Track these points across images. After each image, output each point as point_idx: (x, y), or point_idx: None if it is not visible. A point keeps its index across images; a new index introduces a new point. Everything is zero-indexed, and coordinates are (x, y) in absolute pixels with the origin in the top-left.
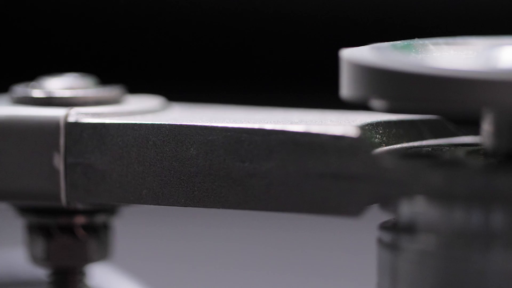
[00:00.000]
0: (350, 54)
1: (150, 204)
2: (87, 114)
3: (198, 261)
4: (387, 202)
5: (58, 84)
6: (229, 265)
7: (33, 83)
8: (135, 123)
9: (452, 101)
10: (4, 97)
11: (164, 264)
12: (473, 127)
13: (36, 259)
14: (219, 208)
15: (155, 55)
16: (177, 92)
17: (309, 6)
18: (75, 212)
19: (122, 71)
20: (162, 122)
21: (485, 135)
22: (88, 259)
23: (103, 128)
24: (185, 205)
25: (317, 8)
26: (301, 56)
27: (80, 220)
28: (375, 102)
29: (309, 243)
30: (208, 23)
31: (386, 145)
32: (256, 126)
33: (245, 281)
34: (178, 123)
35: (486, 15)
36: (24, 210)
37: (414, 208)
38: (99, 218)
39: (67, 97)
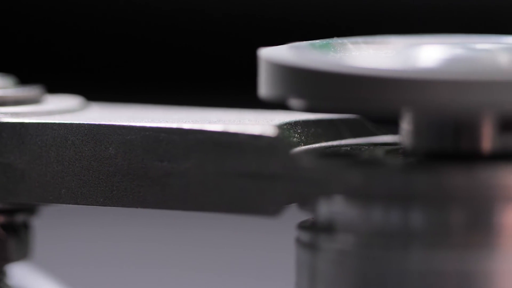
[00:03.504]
0: (268, 53)
1: (69, 204)
2: (6, 114)
3: (118, 260)
4: (306, 201)
5: None
6: (150, 264)
7: None
8: (54, 123)
9: (371, 100)
10: None
11: (84, 264)
12: (392, 126)
13: None
14: (137, 207)
15: (75, 55)
16: (96, 92)
17: (227, 5)
18: None
19: (41, 71)
20: (81, 122)
21: (404, 134)
22: (7, 259)
23: (22, 128)
24: (104, 204)
25: (235, 7)
26: (219, 56)
27: None
28: (294, 101)
29: (227, 243)
30: (128, 22)
31: (304, 145)
32: (174, 125)
33: (166, 280)
34: (97, 123)
35: (406, 14)
36: None
37: (332, 208)
38: (19, 218)
39: None
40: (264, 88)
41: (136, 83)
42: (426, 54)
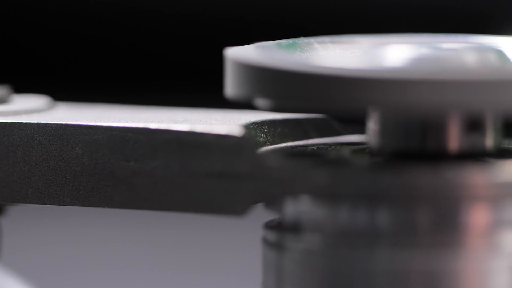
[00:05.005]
0: (234, 53)
1: (35, 204)
2: None
3: (83, 261)
4: (272, 201)
5: None
6: (115, 265)
7: None
8: (21, 123)
9: (337, 100)
10: None
11: (53, 264)
12: (359, 126)
13: None
14: (104, 207)
15: (42, 55)
16: (63, 91)
17: (193, 4)
18: None
19: (8, 71)
20: (48, 122)
21: (370, 134)
22: None
23: None
24: (71, 204)
25: (200, 6)
26: (186, 55)
27: None
28: (260, 101)
29: (195, 242)
30: (94, 21)
31: (271, 144)
32: (140, 125)
33: (130, 281)
34: (64, 123)
35: (373, 13)
36: None
37: (299, 207)
38: None
39: None
40: (231, 88)
41: (102, 83)
42: (393, 53)
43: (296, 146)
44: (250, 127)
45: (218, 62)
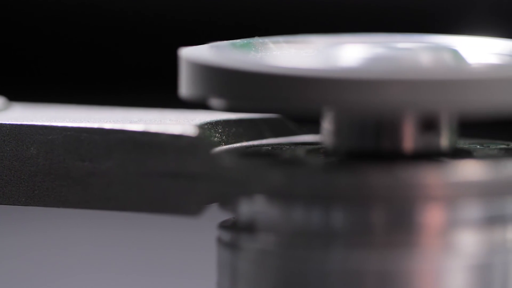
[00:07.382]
0: (188, 53)
1: None
2: None
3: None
4: (227, 201)
5: None
6: (68, 266)
7: None
8: None
9: (292, 99)
10: None
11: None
12: (313, 125)
13: None
14: (59, 207)
15: None
16: (18, 92)
17: (148, 4)
18: None
19: None
20: (3, 122)
21: (325, 134)
22: None
23: None
24: (26, 204)
25: (155, 7)
26: (140, 55)
27: None
28: (215, 101)
29: (149, 242)
30: (52, 20)
31: (225, 144)
32: (95, 125)
33: (85, 281)
34: (19, 123)
35: (328, 12)
36: None
37: (253, 207)
38: None
39: None
40: (185, 88)
41: (58, 83)
42: (347, 53)
43: (250, 146)
44: (205, 127)
45: (173, 62)
